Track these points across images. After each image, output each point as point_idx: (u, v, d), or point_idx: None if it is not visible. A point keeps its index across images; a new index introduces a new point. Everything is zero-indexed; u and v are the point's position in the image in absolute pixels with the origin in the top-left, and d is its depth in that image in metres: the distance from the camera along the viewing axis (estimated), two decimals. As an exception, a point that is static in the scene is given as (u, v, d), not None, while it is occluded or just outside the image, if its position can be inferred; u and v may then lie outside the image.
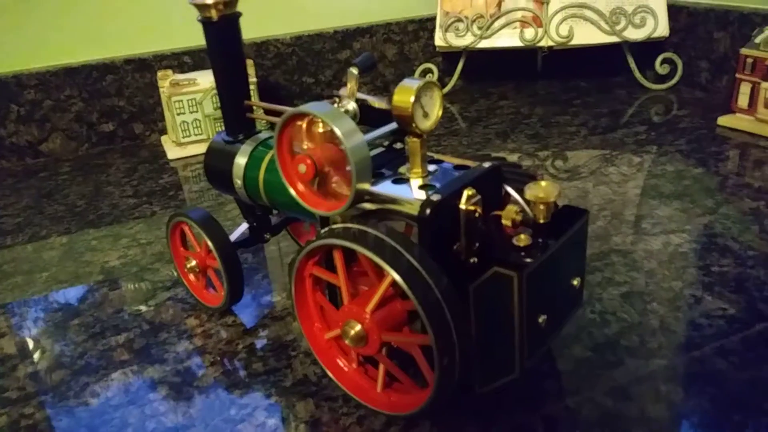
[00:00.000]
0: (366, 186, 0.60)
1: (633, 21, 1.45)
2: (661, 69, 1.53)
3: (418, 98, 0.60)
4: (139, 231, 1.08)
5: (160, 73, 1.41)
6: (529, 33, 1.50)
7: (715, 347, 0.69)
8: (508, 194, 0.68)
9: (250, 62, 1.46)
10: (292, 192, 0.63)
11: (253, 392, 0.69)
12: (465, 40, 1.55)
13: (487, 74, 1.74)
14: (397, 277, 0.54)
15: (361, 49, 1.66)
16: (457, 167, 0.65)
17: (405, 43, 1.69)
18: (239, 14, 0.75)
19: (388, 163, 0.66)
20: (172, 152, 1.42)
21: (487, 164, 0.65)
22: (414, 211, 0.58)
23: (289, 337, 0.77)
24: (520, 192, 0.68)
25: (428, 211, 0.57)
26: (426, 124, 0.62)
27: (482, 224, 0.64)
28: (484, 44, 1.54)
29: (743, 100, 1.23)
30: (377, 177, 0.63)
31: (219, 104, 0.81)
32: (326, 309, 0.67)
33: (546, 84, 1.69)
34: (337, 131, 0.57)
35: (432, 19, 1.66)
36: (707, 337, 0.71)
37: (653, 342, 0.71)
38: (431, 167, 0.64)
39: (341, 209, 0.60)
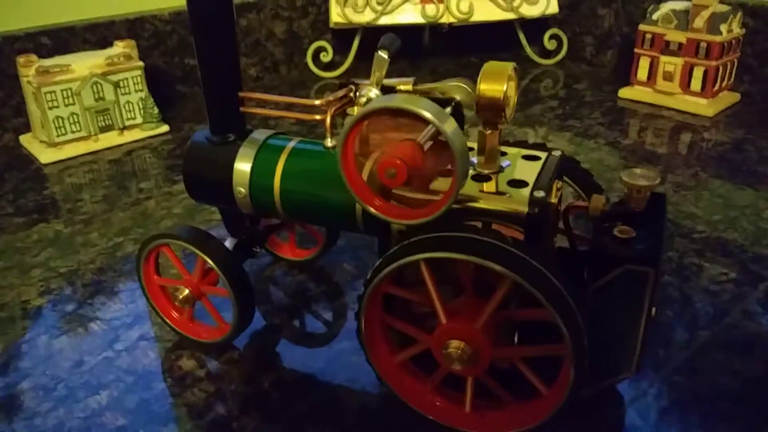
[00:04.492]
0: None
1: (528, -2, 1.50)
2: (549, 44, 1.60)
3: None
4: (51, 257, 0.87)
5: (21, 59, 1.14)
6: (431, 9, 1.47)
7: (740, 311, 0.73)
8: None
9: (132, 43, 1.24)
10: (369, 208, 0.53)
11: (314, 438, 0.58)
12: (365, 16, 1.48)
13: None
14: (531, 288, 0.48)
15: (247, 26, 1.50)
16: (524, 157, 0.60)
17: (294, 20, 1.57)
18: (233, -15, 0.62)
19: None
20: (46, 155, 1.17)
21: (557, 153, 0.61)
22: (515, 208, 0.52)
23: (317, 364, 0.67)
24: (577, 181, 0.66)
25: (537, 209, 0.52)
26: (508, 113, 0.56)
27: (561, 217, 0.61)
28: (385, 20, 1.48)
29: (642, 74, 1.33)
30: (447, 174, 0.56)
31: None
32: (393, 329, 0.59)
33: (438, 61, 1.68)
34: (440, 125, 0.49)
35: (320, -6, 1.56)
36: (727, 302, 0.74)
37: (686, 314, 0.73)
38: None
39: (438, 214, 0.52)
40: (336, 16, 1.49)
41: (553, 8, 1.51)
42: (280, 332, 0.73)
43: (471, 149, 0.58)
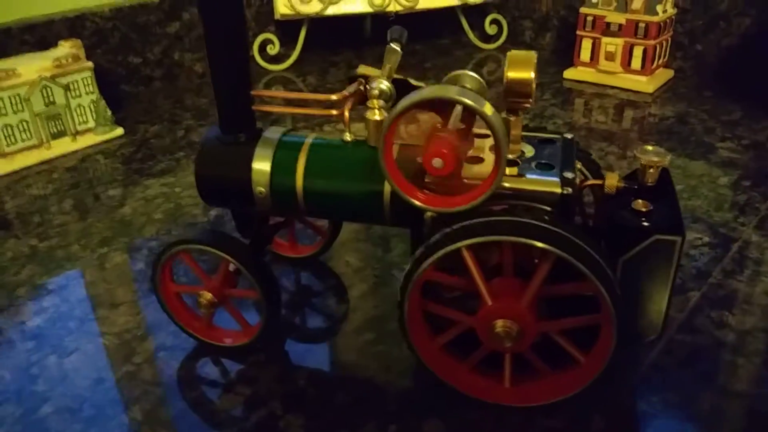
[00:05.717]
0: (500, 171, 0.55)
1: (471, -15, 1.53)
2: (489, 29, 1.65)
3: (531, 72, 0.57)
4: (35, 275, 0.83)
5: (-40, 65, 1.06)
6: (378, -2, 1.48)
7: (721, 272, 0.80)
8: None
9: (78, 42, 1.18)
10: (414, 201, 0.54)
11: (359, 430, 0.59)
12: (312, 7, 1.47)
13: (320, 43, 1.68)
14: (577, 263, 0.52)
15: (190, 20, 1.46)
16: (541, 141, 0.63)
17: (237, 13, 1.53)
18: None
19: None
20: (-4, 166, 1.10)
21: (568, 135, 0.64)
22: (549, 189, 0.55)
23: (347, 357, 0.68)
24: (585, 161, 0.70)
25: (570, 189, 0.55)
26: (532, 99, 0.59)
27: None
28: (332, 11, 1.48)
29: (585, 55, 1.40)
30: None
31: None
32: (431, 313, 0.61)
33: (382, 49, 1.69)
34: (481, 110, 0.51)
35: (262, -14, 1.53)
36: (708, 264, 0.81)
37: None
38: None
39: (482, 198, 0.54)
40: (282, 7, 1.47)
41: (495, -6, 1.57)
42: (299, 330, 0.73)
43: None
